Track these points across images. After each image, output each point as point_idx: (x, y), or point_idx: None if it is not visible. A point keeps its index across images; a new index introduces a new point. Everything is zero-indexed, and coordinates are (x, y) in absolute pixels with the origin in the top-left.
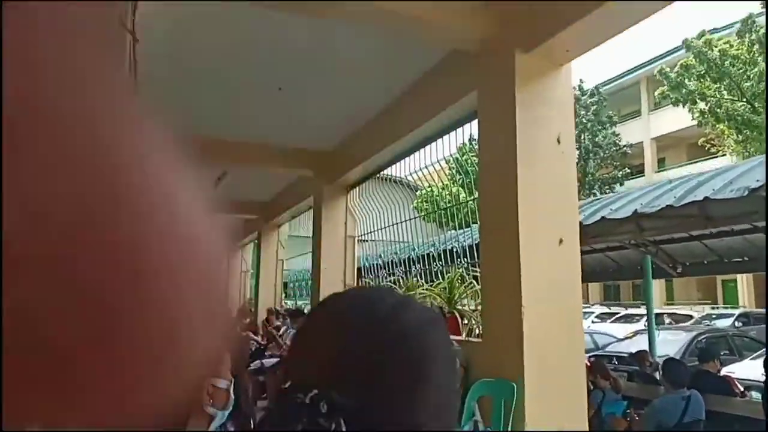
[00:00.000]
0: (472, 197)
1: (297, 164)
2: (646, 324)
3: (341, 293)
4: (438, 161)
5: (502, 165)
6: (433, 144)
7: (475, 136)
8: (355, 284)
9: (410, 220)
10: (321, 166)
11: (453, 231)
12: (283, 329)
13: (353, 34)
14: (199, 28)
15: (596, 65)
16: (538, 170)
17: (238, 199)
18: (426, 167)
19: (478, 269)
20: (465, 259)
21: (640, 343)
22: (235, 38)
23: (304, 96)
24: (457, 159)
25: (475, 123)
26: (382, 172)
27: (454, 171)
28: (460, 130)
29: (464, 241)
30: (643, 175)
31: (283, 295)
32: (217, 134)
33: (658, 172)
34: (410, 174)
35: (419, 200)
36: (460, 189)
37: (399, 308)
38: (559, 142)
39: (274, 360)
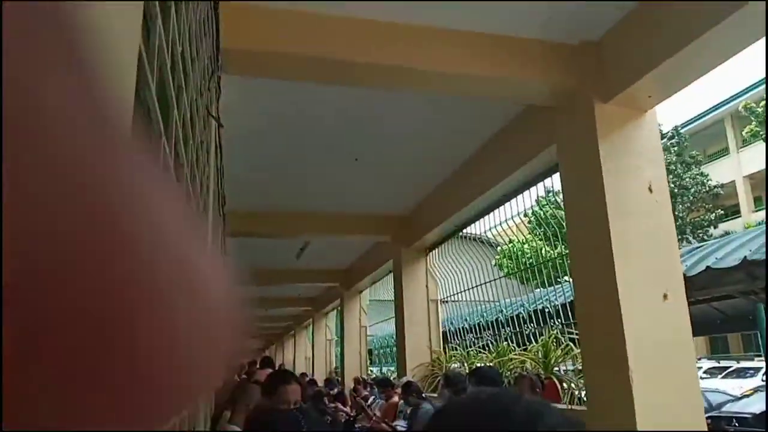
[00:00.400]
0: (556, 252)
1: (374, 231)
2: (765, 379)
3: (462, 403)
4: (517, 214)
5: (592, 220)
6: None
7: (553, 188)
8: (442, 350)
9: (494, 280)
10: (398, 231)
11: (541, 289)
12: (371, 399)
13: (425, 97)
14: (275, 111)
15: (673, 106)
16: (631, 222)
17: (320, 268)
18: (505, 221)
19: (574, 330)
20: (558, 320)
21: (761, 402)
22: (309, 114)
23: (379, 163)
24: (535, 212)
25: (554, 176)
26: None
27: (534, 224)
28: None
29: (556, 299)
30: (740, 216)
31: (368, 362)
32: (297, 207)
33: (756, 211)
34: (488, 230)
35: (501, 256)
36: (542, 243)
37: (538, 417)
38: (651, 190)
39: None
